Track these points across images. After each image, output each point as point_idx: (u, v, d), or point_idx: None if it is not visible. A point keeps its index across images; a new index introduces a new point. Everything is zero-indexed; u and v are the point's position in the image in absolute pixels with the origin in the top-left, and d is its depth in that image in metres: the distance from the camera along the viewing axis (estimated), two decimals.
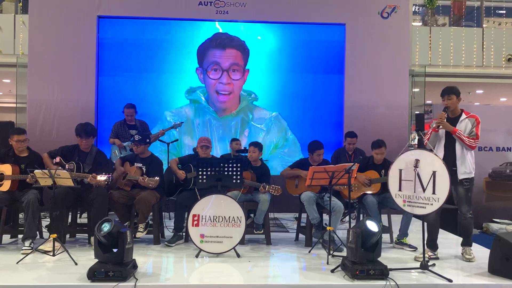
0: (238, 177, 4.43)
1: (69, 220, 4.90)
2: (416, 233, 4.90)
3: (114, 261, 3.44)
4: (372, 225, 3.71)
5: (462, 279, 3.71)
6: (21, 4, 9.58)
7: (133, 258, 3.65)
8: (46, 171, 4.04)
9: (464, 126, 4.25)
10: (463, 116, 4.30)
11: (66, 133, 6.41)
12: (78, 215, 5.26)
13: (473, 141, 4.19)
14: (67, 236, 4.83)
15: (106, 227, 3.50)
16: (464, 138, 4.17)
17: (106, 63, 7.10)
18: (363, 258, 3.63)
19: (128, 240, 3.48)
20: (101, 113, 7.05)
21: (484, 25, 10.44)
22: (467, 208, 4.29)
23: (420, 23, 10.80)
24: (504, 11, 12.00)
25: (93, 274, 3.40)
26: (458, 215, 4.37)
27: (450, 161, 4.17)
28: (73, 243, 4.75)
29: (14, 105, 12.11)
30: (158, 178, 4.58)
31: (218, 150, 5.84)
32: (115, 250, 3.52)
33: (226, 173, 4.41)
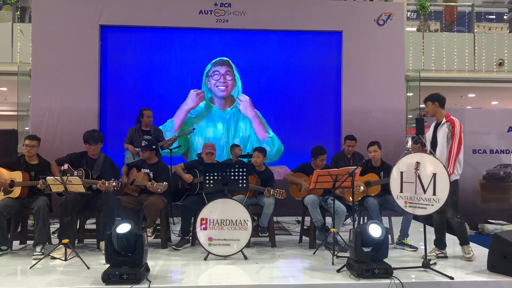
0: (244, 181, 4.55)
1: (77, 226, 4.99)
2: (415, 234, 5.06)
3: (131, 263, 3.55)
4: (375, 229, 3.82)
5: (462, 277, 3.85)
6: (18, 12, 9.66)
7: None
8: (58, 177, 4.13)
9: (443, 130, 4.31)
10: (444, 120, 4.36)
11: (70, 141, 6.53)
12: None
13: (455, 148, 4.17)
14: (76, 241, 4.91)
15: (126, 227, 3.59)
16: (451, 162, 4.16)
17: (108, 71, 7.20)
18: (363, 256, 3.75)
19: (146, 242, 3.58)
20: (103, 121, 7.14)
21: (475, 30, 10.66)
22: (452, 212, 4.30)
23: (414, 29, 10.99)
24: (494, 16, 12.22)
25: (108, 277, 3.49)
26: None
27: None
28: (82, 248, 4.83)
29: (9, 113, 12.20)
30: (166, 183, 4.67)
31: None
32: (125, 253, 3.60)
33: (232, 177, 4.52)
